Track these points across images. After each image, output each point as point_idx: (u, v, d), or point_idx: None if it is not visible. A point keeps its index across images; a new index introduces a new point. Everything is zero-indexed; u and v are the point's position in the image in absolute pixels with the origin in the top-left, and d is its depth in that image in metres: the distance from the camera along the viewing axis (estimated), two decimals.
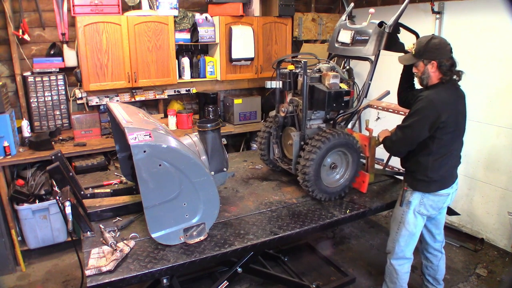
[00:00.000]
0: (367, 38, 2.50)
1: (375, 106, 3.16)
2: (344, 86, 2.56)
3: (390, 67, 2.68)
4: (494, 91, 3.53)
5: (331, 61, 2.71)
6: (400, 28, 2.49)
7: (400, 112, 3.05)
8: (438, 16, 3.86)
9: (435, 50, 2.23)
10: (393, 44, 2.47)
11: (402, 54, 2.45)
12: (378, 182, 2.96)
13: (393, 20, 2.42)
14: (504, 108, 3.46)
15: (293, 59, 2.71)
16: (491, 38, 3.49)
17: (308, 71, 2.49)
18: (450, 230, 3.83)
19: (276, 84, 2.71)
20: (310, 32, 4.90)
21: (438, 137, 2.25)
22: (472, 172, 3.81)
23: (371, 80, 2.57)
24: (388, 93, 3.30)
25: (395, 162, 3.11)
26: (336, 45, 2.73)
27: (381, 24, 2.46)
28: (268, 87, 2.75)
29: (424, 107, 2.21)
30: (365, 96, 2.60)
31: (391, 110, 3.06)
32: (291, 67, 2.68)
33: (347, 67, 2.89)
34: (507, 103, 3.44)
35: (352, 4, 2.89)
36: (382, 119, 2.91)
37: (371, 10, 2.57)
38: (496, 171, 3.59)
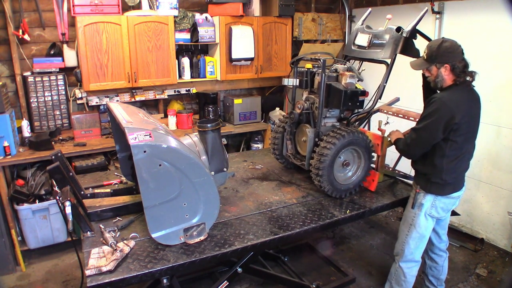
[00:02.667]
0: (384, 42, 2.58)
1: (385, 111, 3.23)
2: (359, 87, 2.61)
3: (401, 70, 2.74)
4: (494, 91, 3.52)
5: (348, 62, 2.76)
6: (417, 35, 2.55)
7: (410, 118, 3.10)
8: (438, 16, 3.86)
9: (447, 53, 2.24)
10: (409, 49, 2.54)
11: (415, 59, 2.47)
12: (378, 183, 2.96)
13: (411, 26, 2.49)
14: (504, 107, 3.46)
15: (311, 57, 2.75)
16: (491, 38, 3.49)
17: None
18: (450, 230, 3.80)
19: (293, 82, 2.75)
20: (310, 32, 4.90)
21: (451, 139, 2.25)
22: (472, 172, 3.79)
23: (386, 82, 2.62)
24: (397, 99, 3.40)
25: (402, 166, 3.12)
26: (353, 47, 2.80)
27: (398, 29, 2.52)
28: (285, 84, 2.81)
29: (437, 108, 2.21)
30: (380, 98, 2.65)
31: (401, 116, 3.13)
32: (308, 65, 2.72)
33: (364, 69, 2.95)
34: (508, 103, 3.44)
35: (369, 9, 2.94)
36: (391, 124, 3.03)
37: (389, 16, 2.65)
38: (496, 171, 3.59)
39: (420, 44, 2.58)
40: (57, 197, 1.97)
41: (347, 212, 2.47)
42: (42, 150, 3.28)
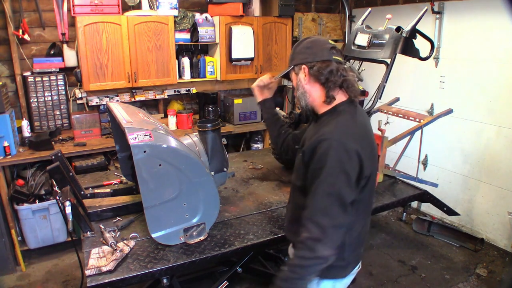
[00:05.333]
0: (384, 42, 2.57)
1: (385, 111, 3.23)
2: (359, 87, 2.61)
3: (401, 70, 2.73)
4: (494, 91, 3.53)
5: (347, 62, 2.75)
6: (417, 34, 2.54)
7: (410, 118, 3.10)
8: (438, 16, 3.87)
9: (305, 49, 1.58)
10: (409, 49, 2.53)
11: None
12: (378, 183, 2.96)
13: (411, 26, 2.48)
14: (504, 108, 3.47)
15: None
16: (491, 38, 3.49)
17: None
18: (450, 230, 3.83)
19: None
20: (310, 32, 4.90)
21: (357, 199, 1.47)
22: (472, 172, 3.81)
23: (386, 82, 2.61)
24: (397, 99, 3.40)
25: (402, 166, 3.11)
26: (353, 47, 2.79)
27: (398, 29, 2.52)
28: (285, 84, 2.80)
29: (339, 159, 1.39)
30: (379, 98, 2.64)
31: (401, 115, 3.13)
32: None
33: (363, 69, 2.94)
34: (507, 103, 3.44)
35: (369, 9, 2.94)
36: (391, 123, 3.03)
37: (388, 15, 2.64)
38: (496, 171, 3.59)
39: (420, 44, 2.58)
40: (57, 197, 1.97)
41: None
42: (42, 150, 3.28)
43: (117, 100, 3.94)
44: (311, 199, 1.43)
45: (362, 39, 2.74)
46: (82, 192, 2.20)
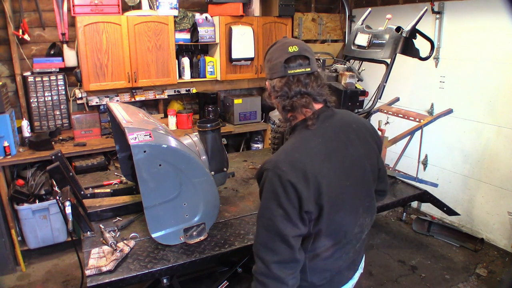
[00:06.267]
0: (384, 42, 2.57)
1: (385, 111, 3.23)
2: (359, 86, 2.61)
3: (401, 70, 2.72)
4: (494, 91, 3.53)
5: (347, 62, 2.76)
6: (417, 34, 2.54)
7: (410, 118, 3.10)
8: (438, 16, 3.87)
9: (266, 62, 1.44)
10: (409, 49, 2.53)
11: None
12: None
13: (411, 26, 2.48)
14: (504, 107, 3.47)
15: None
16: (491, 38, 3.49)
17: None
18: (450, 230, 3.83)
19: None
20: (310, 32, 4.90)
21: (313, 232, 1.34)
22: (472, 172, 3.81)
23: (386, 82, 2.61)
24: (397, 99, 3.40)
25: (402, 166, 3.11)
26: (353, 47, 2.80)
27: (398, 29, 2.52)
28: None
29: (274, 192, 1.28)
30: (380, 98, 2.64)
31: (401, 115, 3.13)
32: None
33: (363, 69, 2.94)
34: (507, 103, 3.44)
35: (369, 9, 2.94)
36: (391, 124, 3.03)
37: (388, 15, 2.64)
38: (496, 171, 3.59)
39: (420, 44, 2.59)
40: (57, 197, 1.97)
41: None
42: (42, 150, 3.28)
43: (117, 100, 3.94)
44: (256, 231, 1.36)
45: (362, 39, 2.74)
46: (82, 192, 2.20)
